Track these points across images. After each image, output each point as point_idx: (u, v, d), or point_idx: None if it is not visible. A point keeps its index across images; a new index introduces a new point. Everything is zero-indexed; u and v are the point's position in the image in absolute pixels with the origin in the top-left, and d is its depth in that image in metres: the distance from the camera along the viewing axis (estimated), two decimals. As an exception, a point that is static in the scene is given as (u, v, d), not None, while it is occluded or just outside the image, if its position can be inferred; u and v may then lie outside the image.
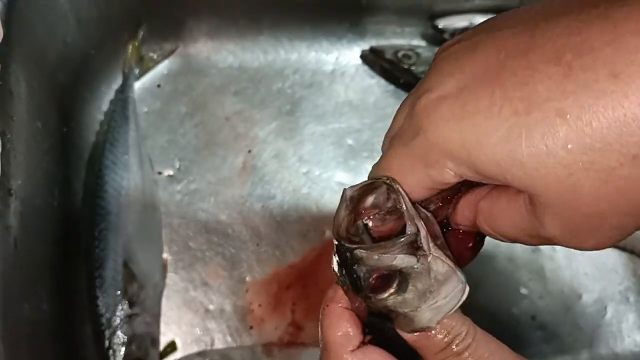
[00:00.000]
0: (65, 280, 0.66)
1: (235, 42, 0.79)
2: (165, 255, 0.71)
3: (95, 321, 0.64)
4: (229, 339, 0.70)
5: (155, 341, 0.66)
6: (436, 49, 0.84)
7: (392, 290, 0.32)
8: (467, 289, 0.33)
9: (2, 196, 0.49)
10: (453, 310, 0.33)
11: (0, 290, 0.48)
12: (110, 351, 0.63)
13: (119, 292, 0.65)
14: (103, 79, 0.74)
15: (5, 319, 0.49)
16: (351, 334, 0.34)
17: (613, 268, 0.78)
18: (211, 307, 0.71)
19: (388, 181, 0.33)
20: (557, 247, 0.77)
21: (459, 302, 0.33)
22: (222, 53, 0.79)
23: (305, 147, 0.78)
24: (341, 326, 0.34)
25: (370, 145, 0.78)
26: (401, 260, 0.32)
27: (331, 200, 0.76)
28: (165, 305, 0.70)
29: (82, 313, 0.66)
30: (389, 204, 0.33)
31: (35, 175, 0.59)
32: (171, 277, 0.71)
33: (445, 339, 0.32)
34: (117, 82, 0.75)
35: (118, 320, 0.64)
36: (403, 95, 0.81)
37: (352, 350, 0.33)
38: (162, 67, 0.78)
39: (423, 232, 0.32)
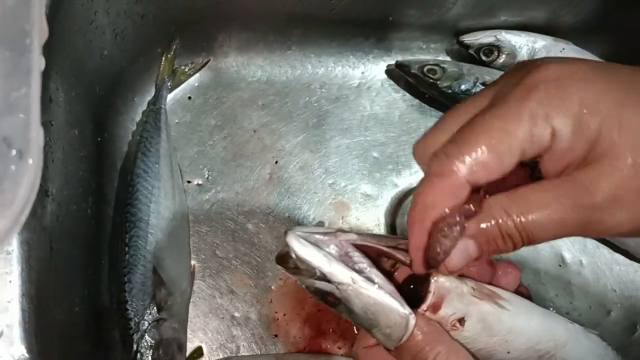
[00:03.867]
0: (96, 285, 0.67)
1: (264, 56, 0.82)
2: (193, 263, 0.73)
3: (124, 325, 0.66)
4: (253, 346, 0.71)
5: (181, 346, 0.67)
6: (461, 64, 0.85)
7: (341, 307, 0.38)
8: (411, 323, 0.37)
9: (40, 198, 0.51)
10: (403, 339, 0.37)
11: (36, 290, 0.50)
12: (138, 355, 0.65)
13: (148, 297, 0.67)
14: (137, 90, 0.77)
15: (39, 320, 0.50)
16: None
17: (642, 285, 0.76)
18: (237, 314, 0.72)
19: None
20: (585, 262, 0.77)
21: (404, 334, 0.37)
22: (251, 67, 0.82)
23: (331, 159, 0.79)
24: None
25: (395, 158, 0.79)
26: (320, 285, 0.37)
27: (356, 211, 0.77)
28: (192, 311, 0.71)
29: (111, 317, 0.68)
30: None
31: (71, 182, 0.61)
32: (198, 284, 0.73)
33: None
34: (150, 94, 0.77)
35: (146, 325, 0.65)
36: (428, 109, 0.82)
37: None
38: (194, 80, 0.80)
39: (329, 270, 0.36)
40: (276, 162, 0.78)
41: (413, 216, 0.36)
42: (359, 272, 0.37)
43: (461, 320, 0.38)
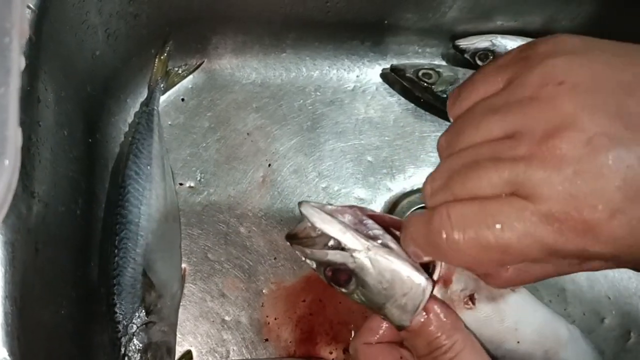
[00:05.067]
0: (85, 287, 0.67)
1: (258, 59, 0.81)
2: (184, 266, 0.72)
3: (112, 328, 0.65)
4: (244, 350, 0.70)
5: (170, 350, 0.67)
6: (457, 68, 0.84)
7: (352, 285, 0.36)
8: (428, 289, 0.36)
9: (26, 199, 0.51)
10: (419, 309, 0.36)
11: (20, 292, 0.49)
12: (126, 358, 0.64)
13: (137, 300, 0.66)
14: (129, 91, 0.76)
15: (23, 322, 0.49)
16: None
17: (636, 292, 0.76)
18: (227, 318, 0.71)
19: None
20: (579, 269, 0.76)
21: (421, 302, 0.35)
22: (245, 70, 0.81)
23: (324, 162, 0.79)
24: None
25: (390, 162, 0.79)
26: (333, 256, 0.36)
27: (349, 215, 0.76)
28: (182, 315, 0.71)
29: (99, 320, 0.67)
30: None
31: (61, 183, 0.61)
32: (189, 288, 0.72)
33: (428, 348, 0.36)
34: (143, 95, 0.77)
35: (135, 328, 0.65)
36: (423, 113, 0.82)
37: None
38: (187, 82, 0.80)
39: (344, 237, 0.36)
40: (269, 165, 0.78)
41: None
42: (374, 238, 0.37)
43: (472, 298, 0.38)
